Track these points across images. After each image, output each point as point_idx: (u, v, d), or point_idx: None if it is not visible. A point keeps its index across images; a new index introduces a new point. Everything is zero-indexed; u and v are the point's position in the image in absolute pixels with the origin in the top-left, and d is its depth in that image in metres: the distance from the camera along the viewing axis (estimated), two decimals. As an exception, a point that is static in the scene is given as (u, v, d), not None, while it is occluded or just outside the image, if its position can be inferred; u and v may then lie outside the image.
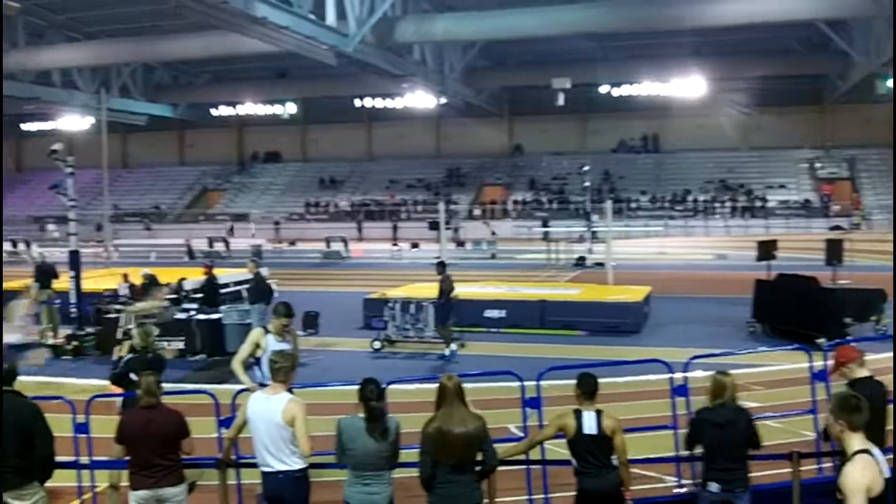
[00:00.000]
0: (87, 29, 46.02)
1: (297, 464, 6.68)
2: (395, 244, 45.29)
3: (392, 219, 56.19)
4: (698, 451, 7.08)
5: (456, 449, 6.35)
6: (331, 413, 7.30)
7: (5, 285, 20.94)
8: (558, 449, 7.43)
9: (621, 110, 57.86)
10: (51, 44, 45.50)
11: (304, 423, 6.67)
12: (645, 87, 51.16)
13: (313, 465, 6.93)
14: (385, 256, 42.50)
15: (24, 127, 65.25)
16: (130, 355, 9.65)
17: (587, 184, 42.71)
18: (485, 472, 6.60)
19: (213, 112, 62.46)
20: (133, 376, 8.77)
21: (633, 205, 55.15)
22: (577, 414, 6.71)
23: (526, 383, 8.38)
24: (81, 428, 8.35)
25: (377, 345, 17.98)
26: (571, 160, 58.90)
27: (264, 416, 6.72)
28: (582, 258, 36.30)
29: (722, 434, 6.81)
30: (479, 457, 6.55)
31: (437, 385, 6.67)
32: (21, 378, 7.40)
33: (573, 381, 6.93)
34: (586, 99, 56.82)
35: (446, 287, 17.39)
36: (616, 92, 52.75)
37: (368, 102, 57.17)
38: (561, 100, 46.11)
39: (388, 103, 55.31)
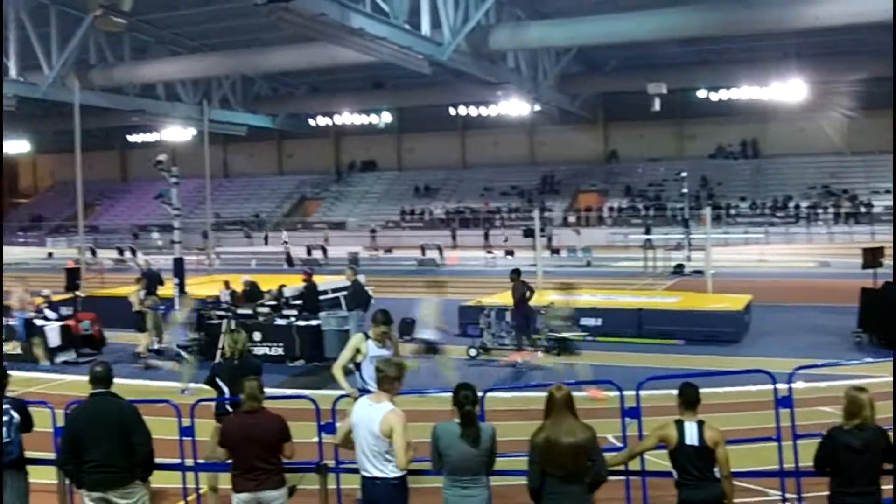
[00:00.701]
0: (190, 43, 47.40)
1: (394, 472, 6.70)
2: (489, 252, 45.30)
3: (486, 226, 56.28)
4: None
5: (564, 459, 6.28)
6: (427, 419, 7.33)
7: (113, 291, 21.67)
8: (658, 460, 7.33)
9: (719, 115, 56.73)
10: (155, 58, 46.98)
11: (403, 436, 6.64)
12: (743, 91, 50.14)
13: (412, 472, 6.96)
14: (480, 264, 42.54)
15: (130, 138, 67.53)
16: (219, 361, 9.88)
17: (685, 190, 42.08)
18: (595, 483, 6.50)
19: (311, 122, 63.57)
20: (219, 381, 8.99)
21: (732, 211, 54.09)
22: (679, 424, 6.60)
23: (625, 392, 8.28)
24: (186, 431, 8.56)
25: (473, 352, 18.00)
26: (668, 166, 58.18)
27: (365, 422, 6.78)
28: (680, 266, 35.72)
29: (861, 459, 6.44)
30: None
31: (531, 394, 6.65)
32: (125, 381, 7.66)
33: (672, 391, 6.83)
34: (683, 104, 55.99)
35: (517, 294, 17.43)
36: (713, 96, 51.87)
37: (462, 110, 57.36)
38: (657, 105, 45.53)
39: (483, 111, 55.42)
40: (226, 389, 8.91)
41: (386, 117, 60.64)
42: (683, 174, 42.40)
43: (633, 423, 8.02)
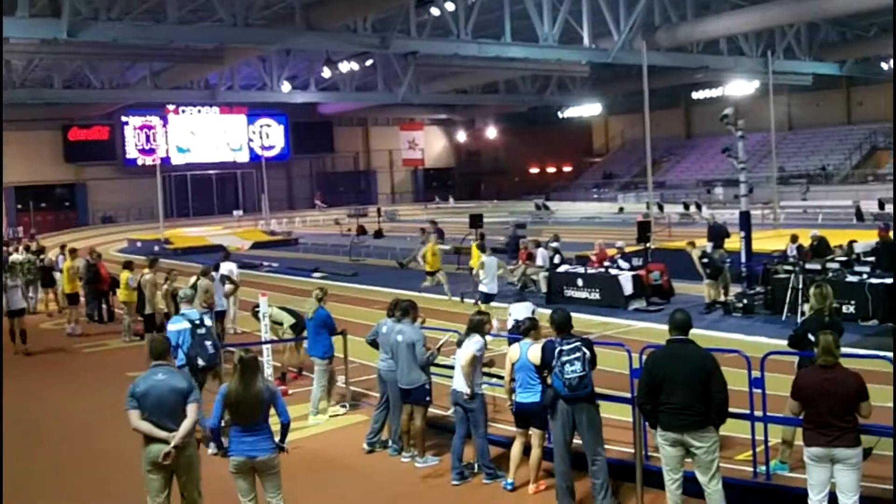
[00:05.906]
0: (753, -6, 46.54)
1: None
2: None
3: None
4: None
5: None
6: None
7: (680, 244, 22.47)
8: None
9: None
10: (717, 13, 46.90)
11: None
12: None
13: None
14: None
15: (694, 96, 68.54)
16: (808, 316, 9.71)
17: None
18: None
19: (883, 66, 58.87)
20: (811, 337, 8.83)
21: None
22: None
23: None
24: (756, 382, 8.67)
25: None
26: None
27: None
28: None
29: None
30: None
31: None
32: (698, 331, 7.95)
33: None
34: None
35: None
36: None
37: None
38: None
39: None
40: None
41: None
42: None
43: None
